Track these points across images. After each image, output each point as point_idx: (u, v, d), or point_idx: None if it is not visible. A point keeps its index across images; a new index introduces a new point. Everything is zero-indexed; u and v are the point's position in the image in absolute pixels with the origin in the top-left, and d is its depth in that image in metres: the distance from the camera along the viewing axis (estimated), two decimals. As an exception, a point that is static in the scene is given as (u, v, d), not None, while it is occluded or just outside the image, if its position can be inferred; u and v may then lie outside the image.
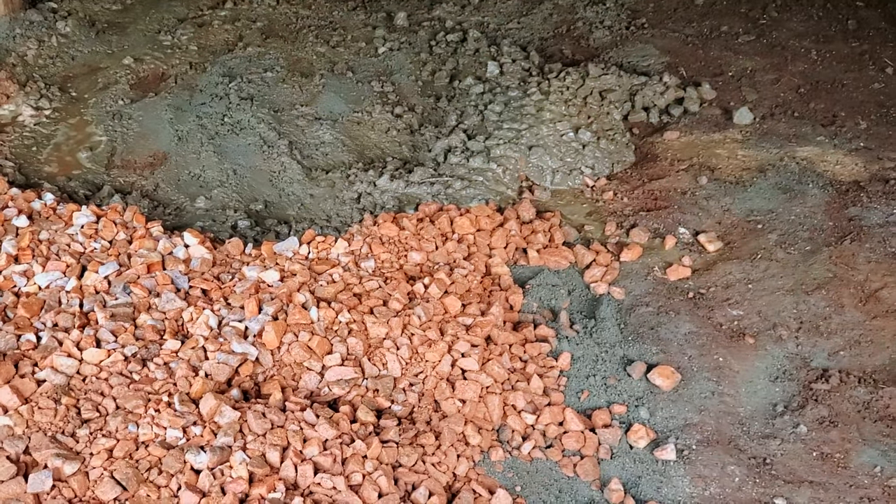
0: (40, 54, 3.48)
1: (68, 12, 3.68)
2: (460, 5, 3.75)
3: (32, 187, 2.79)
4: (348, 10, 3.75)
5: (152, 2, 3.85)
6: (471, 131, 3.07)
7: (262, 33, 3.62)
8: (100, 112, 3.23)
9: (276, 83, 3.34)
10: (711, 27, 3.54)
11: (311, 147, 3.10)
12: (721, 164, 2.88)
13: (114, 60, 3.48)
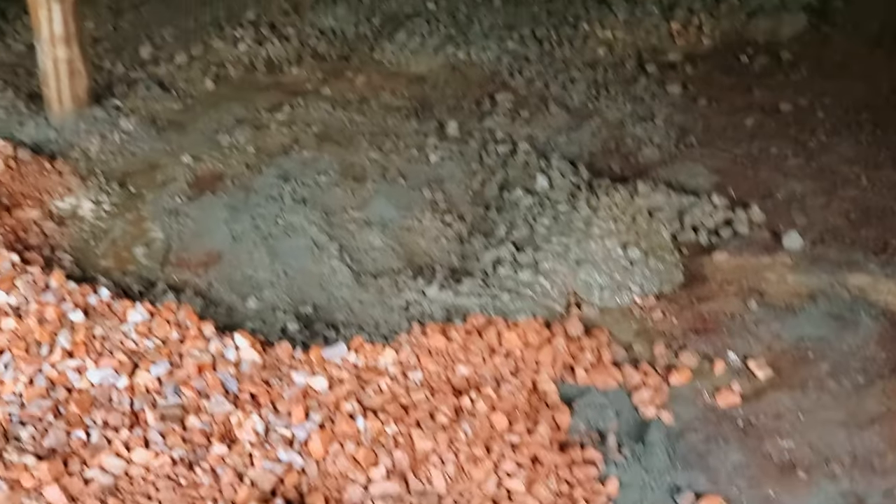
0: (102, 150, 3.56)
1: (131, 110, 3.79)
2: (510, 118, 3.80)
3: (89, 281, 2.84)
4: (401, 118, 3.82)
5: (212, 102, 3.95)
6: (520, 243, 3.09)
7: (317, 137, 3.69)
8: (157, 209, 3.29)
9: (329, 187, 3.39)
10: (760, 148, 3.56)
11: (361, 252, 3.13)
12: (771, 288, 2.88)
13: (173, 158, 3.56)
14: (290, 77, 4.17)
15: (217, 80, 4.12)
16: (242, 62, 4.27)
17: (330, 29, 4.54)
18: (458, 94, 3.99)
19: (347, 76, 4.14)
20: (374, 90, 4.02)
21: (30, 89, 3.99)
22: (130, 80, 4.06)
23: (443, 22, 4.51)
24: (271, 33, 4.48)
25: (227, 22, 4.60)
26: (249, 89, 4.06)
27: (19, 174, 3.30)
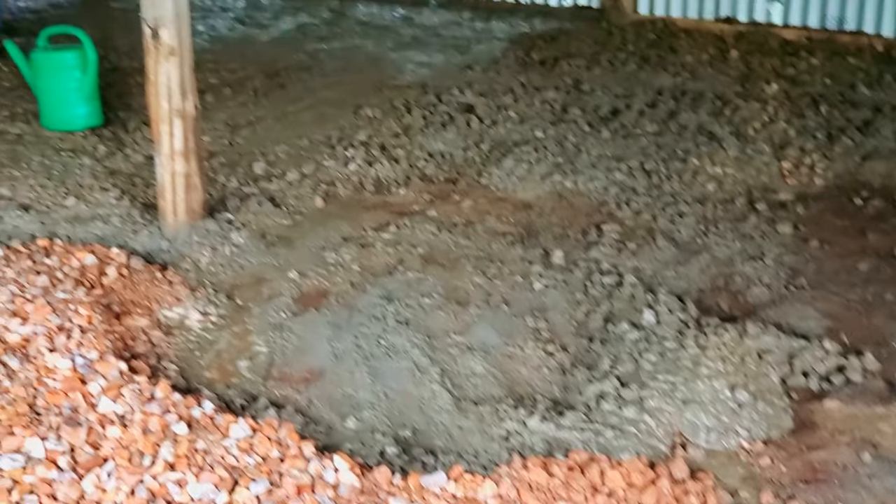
0: (213, 261, 3.62)
1: (242, 224, 3.85)
2: (617, 249, 3.78)
3: (193, 393, 2.86)
4: (507, 244, 3.82)
5: (320, 220, 4.00)
6: (624, 378, 3.04)
7: (422, 259, 3.70)
8: (262, 323, 3.32)
9: (432, 310, 3.39)
10: (875, 294, 3.48)
11: (463, 377, 3.11)
12: (886, 441, 2.77)
13: (279, 273, 3.60)
14: (397, 198, 4.21)
15: (326, 197, 4.19)
16: (352, 181, 4.33)
17: (439, 152, 4.60)
18: (565, 222, 3.99)
19: (454, 199, 4.18)
20: (480, 214, 4.04)
21: (146, 199, 4.10)
22: (243, 194, 4.15)
23: (551, 150, 4.54)
24: (381, 154, 4.55)
25: (338, 142, 4.70)
26: (357, 208, 4.11)
27: (131, 282, 3.36)
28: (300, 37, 6.55)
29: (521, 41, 6.35)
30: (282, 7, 7.33)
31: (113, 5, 7.39)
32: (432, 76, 5.70)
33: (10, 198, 4.11)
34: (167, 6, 3.46)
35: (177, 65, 3.53)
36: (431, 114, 5.02)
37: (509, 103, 5.14)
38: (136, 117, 4.97)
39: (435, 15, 7.10)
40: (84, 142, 4.71)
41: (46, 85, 4.78)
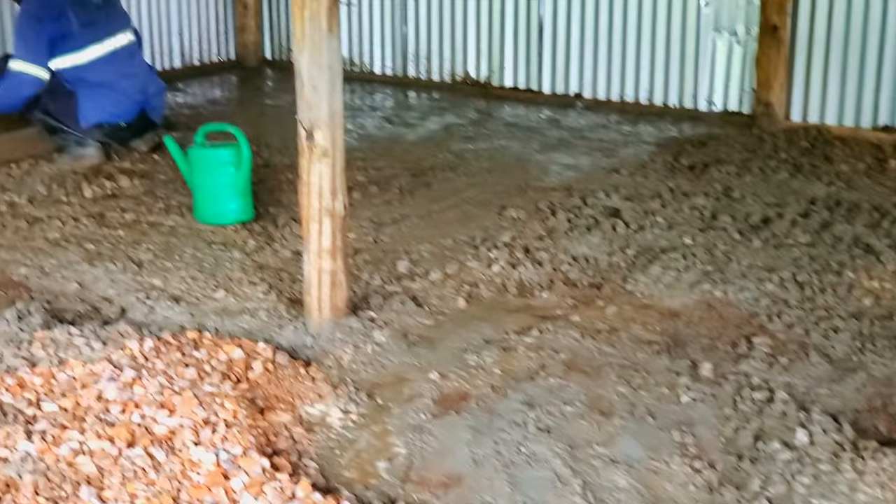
0: (355, 359, 3.63)
1: (385, 322, 3.86)
2: (768, 363, 3.65)
3: (333, 493, 2.84)
4: (652, 352, 3.74)
5: (462, 321, 3.98)
6: (776, 501, 2.91)
7: (564, 365, 3.64)
8: (402, 423, 3.29)
9: (574, 418, 3.31)
10: None
11: (605, 491, 3.01)
12: None
13: (420, 373, 3.58)
14: (540, 301, 4.17)
15: (469, 299, 4.17)
16: (495, 283, 4.32)
17: (583, 256, 4.55)
18: (713, 333, 3.88)
19: (598, 305, 4.11)
20: (624, 322, 3.96)
21: (292, 294, 4.16)
22: (386, 293, 4.17)
23: (699, 258, 4.46)
24: (525, 256, 4.53)
25: (482, 243, 4.70)
26: (500, 310, 4.08)
27: (276, 377, 3.39)
28: (446, 137, 6.63)
29: (670, 145, 6.31)
30: (429, 107, 7.45)
31: (267, 102, 7.63)
32: (578, 179, 5.69)
33: (163, 289, 4.22)
34: (323, 109, 3.53)
35: (329, 165, 3.59)
36: (576, 217, 4.99)
37: (657, 208, 5.09)
38: (286, 213, 5.07)
39: (582, 117, 7.12)
40: (235, 236, 4.83)
41: (201, 180, 4.93)
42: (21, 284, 4.27)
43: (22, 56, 5.68)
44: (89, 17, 5.84)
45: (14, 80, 5.70)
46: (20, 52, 5.70)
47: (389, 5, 8.22)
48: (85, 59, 5.82)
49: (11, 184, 5.52)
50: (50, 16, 5.70)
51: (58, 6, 5.73)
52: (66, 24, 5.73)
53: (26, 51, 5.68)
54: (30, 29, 5.68)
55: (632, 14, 7.16)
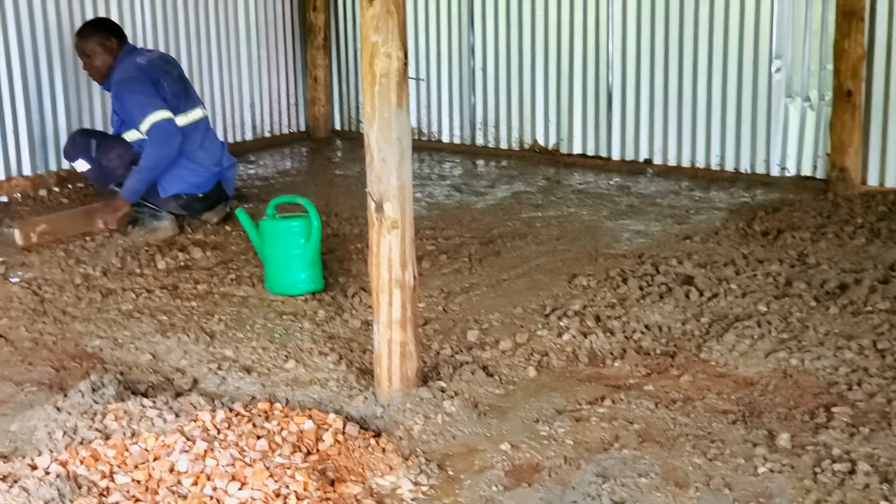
0: (425, 430, 3.60)
1: (455, 392, 3.83)
2: (848, 434, 3.55)
3: (402, 568, 2.82)
4: (728, 422, 3.66)
5: (533, 390, 3.94)
6: (861, 578, 2.82)
7: (638, 436, 3.58)
8: (473, 495, 3.24)
9: (649, 490, 3.24)
10: None
11: (682, 566, 2.95)
12: None
13: (491, 444, 3.54)
14: (612, 370, 4.12)
15: (540, 368, 4.13)
16: (566, 352, 4.27)
17: (656, 324, 4.49)
18: (790, 402, 3.79)
19: (672, 374, 4.05)
20: (699, 391, 3.89)
21: (362, 364, 4.15)
22: (456, 362, 4.15)
23: (775, 325, 4.37)
24: (596, 325, 4.49)
25: (552, 311, 4.67)
26: (571, 380, 4.03)
27: (346, 449, 3.37)
28: (515, 204, 6.63)
29: (742, 211, 6.24)
30: (498, 175, 7.47)
31: (336, 172, 7.70)
32: (649, 245, 5.64)
33: (234, 360, 4.24)
34: (392, 182, 3.55)
35: (398, 237, 3.60)
36: (648, 284, 4.94)
37: (730, 275, 5.02)
38: (356, 282, 5.09)
39: (652, 183, 7.09)
40: (305, 306, 4.85)
41: (272, 251, 4.97)
42: (95, 356, 4.33)
43: (155, 108, 5.79)
44: (175, 89, 5.98)
45: (160, 133, 5.80)
46: (148, 107, 5.80)
47: (458, 76, 8.30)
48: None
49: (86, 256, 5.62)
50: (149, 80, 5.86)
51: (153, 74, 5.89)
52: (161, 92, 5.87)
53: (152, 103, 5.80)
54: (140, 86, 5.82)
55: (702, 80, 7.15)
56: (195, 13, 7.87)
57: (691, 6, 7.09)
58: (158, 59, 6.12)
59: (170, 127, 5.81)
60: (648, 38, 7.32)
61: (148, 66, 5.93)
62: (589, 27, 7.57)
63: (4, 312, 4.78)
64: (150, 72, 5.90)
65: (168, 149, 5.82)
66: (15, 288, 5.07)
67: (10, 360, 4.29)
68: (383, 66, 3.48)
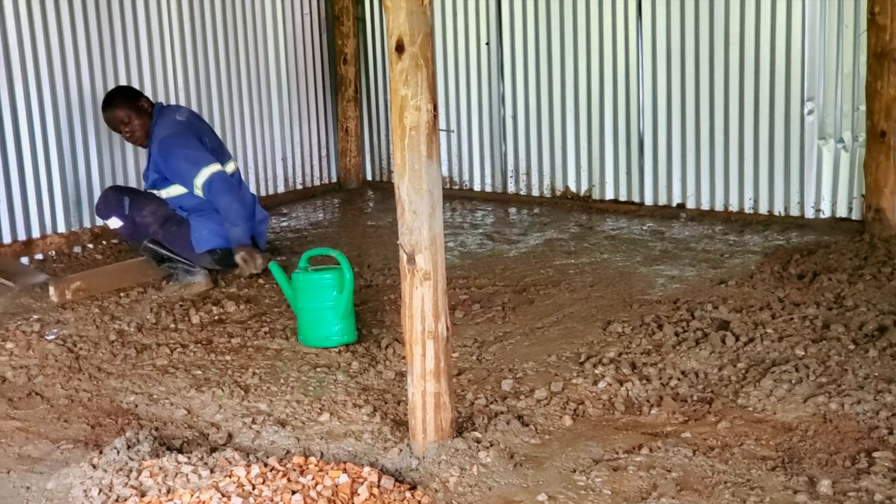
0: (460, 482, 3.57)
1: (490, 443, 3.80)
2: (891, 479, 3.49)
3: None
4: (767, 469, 3.60)
5: (569, 439, 3.90)
6: None
7: (676, 484, 3.53)
8: (510, 550, 3.23)
9: (689, 541, 3.21)
10: None
11: None
12: None
13: (528, 495, 3.50)
14: (649, 418, 4.07)
15: (576, 417, 4.10)
16: (601, 400, 4.24)
17: (692, 371, 4.45)
18: (831, 448, 3.73)
19: (709, 421, 4.00)
20: (737, 437, 3.84)
21: (396, 416, 4.13)
22: (491, 413, 4.12)
23: (813, 370, 4.32)
24: (632, 372, 4.45)
25: (587, 359, 4.64)
26: (607, 428, 3.99)
27: (381, 502, 3.35)
28: (548, 252, 6.61)
29: (777, 254, 6.19)
30: (530, 222, 7.46)
31: (368, 223, 7.73)
32: (684, 291, 5.60)
33: (269, 413, 4.24)
34: (423, 233, 3.55)
35: (431, 288, 3.59)
36: (684, 330, 4.90)
37: (766, 320, 4.97)
38: (389, 333, 5.08)
39: (685, 228, 7.06)
40: (339, 358, 4.84)
41: (305, 303, 4.98)
42: (130, 412, 4.33)
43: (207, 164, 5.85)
44: (213, 144, 6.07)
45: (223, 186, 5.84)
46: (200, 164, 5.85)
47: (488, 125, 8.33)
48: None
49: (121, 312, 5.65)
50: (194, 135, 5.94)
51: (195, 129, 5.98)
52: (205, 145, 5.96)
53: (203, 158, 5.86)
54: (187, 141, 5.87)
55: (733, 123, 7.13)
56: (226, 68, 7.95)
57: (721, 49, 7.08)
58: (192, 115, 6.20)
59: (227, 177, 5.89)
60: (679, 82, 7.32)
61: (187, 122, 6.01)
62: (619, 72, 7.59)
63: (40, 370, 4.81)
64: (191, 127, 5.98)
65: (236, 194, 5.90)
66: (50, 345, 5.10)
67: (46, 417, 4.31)
68: (413, 119, 3.50)
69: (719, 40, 7.09)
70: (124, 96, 6.10)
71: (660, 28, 7.33)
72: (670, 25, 7.28)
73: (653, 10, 7.33)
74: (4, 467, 3.84)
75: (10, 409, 4.40)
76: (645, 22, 7.39)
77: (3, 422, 4.26)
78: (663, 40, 7.33)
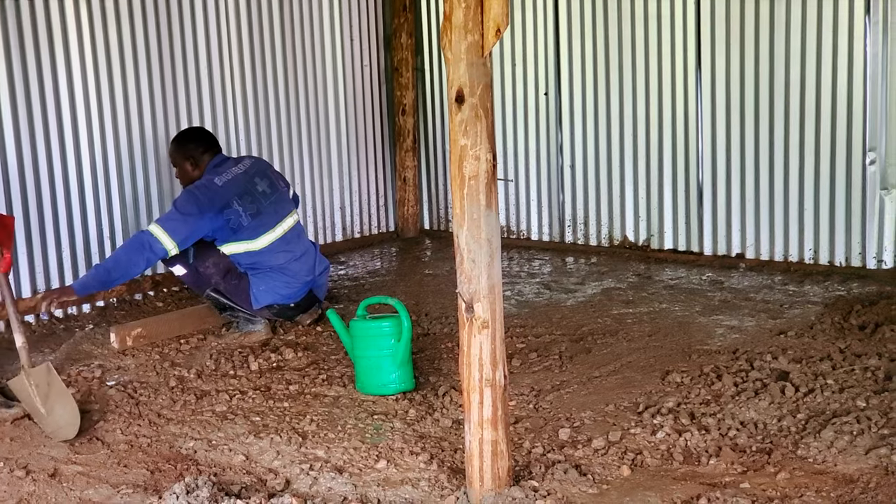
0: (517, 532, 3.56)
1: (548, 492, 3.78)
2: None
3: None
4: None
5: (627, 489, 3.87)
6: None
7: (736, 537, 3.50)
8: None
9: None
10: None
11: None
12: None
13: (590, 548, 3.49)
14: (707, 468, 4.03)
15: (633, 467, 4.07)
16: (660, 450, 4.20)
17: (751, 421, 4.41)
18: (892, 500, 3.67)
19: (769, 472, 3.95)
20: (797, 488, 3.79)
21: (453, 463, 4.13)
22: (548, 461, 4.10)
23: (874, 421, 4.26)
24: (690, 422, 4.42)
25: (645, 409, 4.60)
26: (666, 478, 3.95)
27: (437, 551, 3.35)
28: (606, 301, 6.59)
29: (838, 305, 6.11)
30: (587, 272, 7.45)
31: (426, 272, 7.76)
32: (743, 341, 5.55)
33: (326, 460, 4.25)
34: (482, 282, 3.57)
35: (489, 337, 3.61)
36: (743, 381, 4.86)
37: (827, 370, 4.91)
38: (446, 381, 5.09)
39: (745, 278, 7.00)
40: (396, 405, 4.86)
41: (362, 351, 5.01)
42: (189, 458, 4.37)
43: (162, 223, 5.72)
44: (258, 207, 5.95)
45: (139, 242, 5.69)
46: (164, 219, 5.75)
47: (546, 175, 8.35)
48: (258, 246, 5.95)
49: (181, 358, 5.72)
50: (212, 207, 5.81)
51: (224, 199, 5.85)
52: (235, 217, 5.85)
53: (169, 221, 5.73)
54: (189, 208, 5.77)
55: (793, 172, 7.08)
56: (287, 117, 8.06)
57: (781, 98, 7.05)
58: (241, 176, 6.01)
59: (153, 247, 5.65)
60: (738, 131, 7.29)
61: (223, 188, 5.87)
62: (678, 121, 7.58)
63: (101, 415, 4.87)
64: (222, 196, 5.85)
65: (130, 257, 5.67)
66: (111, 391, 5.17)
67: (107, 462, 4.36)
68: (472, 169, 3.53)
69: (779, 89, 7.06)
70: (185, 140, 6.14)
71: (719, 76, 7.32)
72: (730, 74, 7.27)
73: (712, 58, 7.33)
74: (66, 510, 3.90)
75: (72, 453, 4.46)
76: (704, 70, 7.39)
77: (65, 466, 4.32)
78: (723, 88, 7.32)
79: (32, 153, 6.43)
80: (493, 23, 3.45)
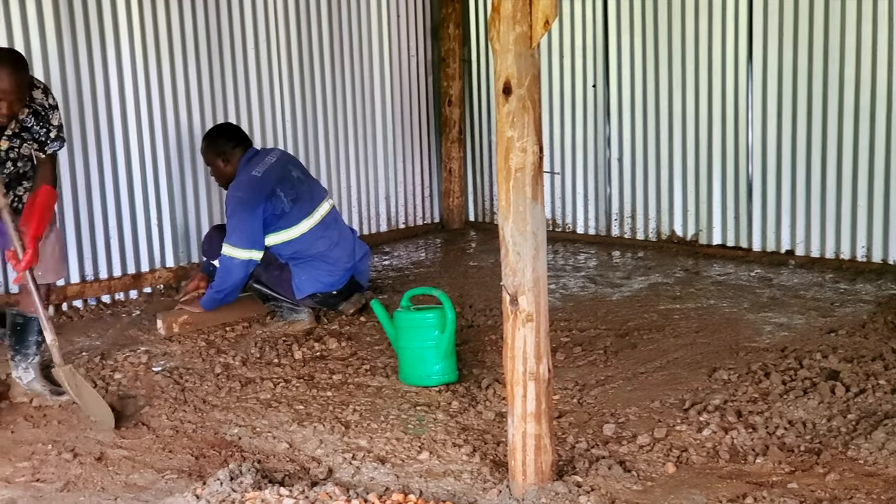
0: (560, 527, 3.53)
1: (591, 488, 3.75)
2: None
3: None
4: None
5: (672, 487, 3.82)
6: None
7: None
8: None
9: None
10: None
11: None
12: None
13: (628, 542, 3.46)
14: (754, 467, 3.97)
15: (679, 464, 4.02)
16: (705, 448, 4.15)
17: (800, 420, 4.34)
18: (946, 505, 3.60)
19: (817, 472, 3.89)
20: (846, 490, 3.72)
21: (495, 456, 4.11)
22: (592, 457, 4.06)
23: (927, 423, 4.18)
24: (737, 420, 4.36)
25: (692, 406, 4.55)
26: (711, 477, 3.90)
27: (479, 544, 3.33)
28: (652, 296, 6.53)
29: (891, 304, 6.01)
30: (634, 266, 7.39)
31: (470, 263, 7.73)
32: (792, 339, 5.47)
33: (369, 450, 4.25)
34: (527, 275, 3.54)
35: (533, 330, 3.58)
36: (792, 379, 4.78)
37: (878, 371, 4.82)
38: (490, 374, 5.06)
39: (795, 275, 6.91)
40: (439, 397, 4.84)
41: (406, 342, 5.00)
42: (233, 444, 4.38)
43: (232, 241, 5.83)
44: (296, 193, 6.01)
45: (223, 266, 5.87)
46: (231, 237, 5.84)
47: (593, 167, 8.29)
48: (297, 233, 5.97)
49: (226, 346, 5.74)
50: (260, 199, 5.86)
51: (268, 187, 5.90)
52: (279, 203, 5.90)
53: (237, 236, 5.83)
54: (242, 212, 5.84)
55: (846, 168, 6.97)
56: (332, 108, 8.06)
57: (835, 93, 6.93)
58: (276, 165, 6.06)
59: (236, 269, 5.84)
60: (790, 125, 7.19)
61: (264, 177, 5.93)
62: (728, 115, 7.49)
63: (147, 401, 4.90)
64: (265, 185, 5.91)
65: (226, 286, 5.90)
66: (157, 377, 5.20)
67: (152, 447, 4.38)
68: (518, 161, 3.50)
69: (833, 83, 6.94)
70: (215, 137, 6.18)
71: (771, 70, 7.21)
72: (782, 67, 7.16)
73: (764, 52, 7.23)
74: (112, 494, 3.92)
75: (118, 437, 4.49)
76: (756, 63, 7.29)
77: (111, 450, 4.35)
78: (774, 82, 7.21)
79: (83, 141, 6.48)
80: (542, 14, 3.41)
